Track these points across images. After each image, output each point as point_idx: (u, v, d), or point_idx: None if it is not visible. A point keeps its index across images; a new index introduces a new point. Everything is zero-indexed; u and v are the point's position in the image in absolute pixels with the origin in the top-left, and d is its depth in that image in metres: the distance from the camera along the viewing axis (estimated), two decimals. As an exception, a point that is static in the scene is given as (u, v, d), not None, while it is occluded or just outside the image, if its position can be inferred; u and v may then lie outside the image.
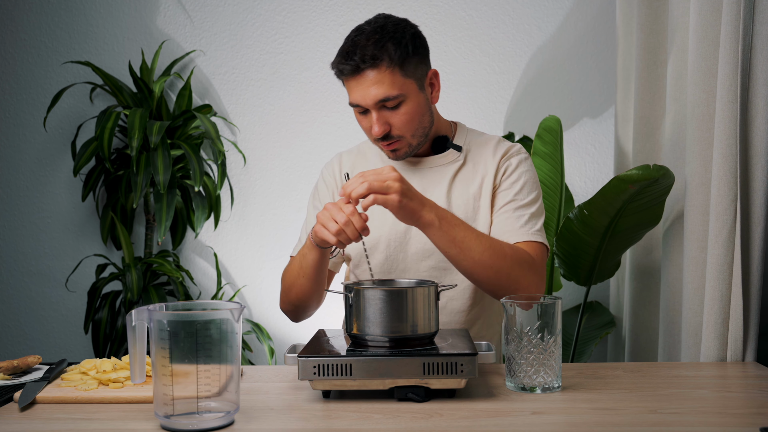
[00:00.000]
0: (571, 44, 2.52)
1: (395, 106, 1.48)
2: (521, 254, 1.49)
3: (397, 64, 1.46)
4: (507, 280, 1.45)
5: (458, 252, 1.42)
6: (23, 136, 2.66)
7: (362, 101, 1.48)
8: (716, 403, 1.20)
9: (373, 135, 1.50)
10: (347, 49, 1.47)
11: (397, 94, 1.47)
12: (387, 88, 1.46)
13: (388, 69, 1.46)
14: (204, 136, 2.52)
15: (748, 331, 1.58)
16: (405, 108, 1.49)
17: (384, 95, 1.46)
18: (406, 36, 1.48)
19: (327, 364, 1.19)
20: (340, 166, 1.68)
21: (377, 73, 1.45)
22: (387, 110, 1.49)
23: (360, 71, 1.46)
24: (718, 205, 1.57)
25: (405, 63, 1.47)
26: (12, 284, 2.68)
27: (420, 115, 1.52)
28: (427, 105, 1.54)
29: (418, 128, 1.53)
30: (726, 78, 1.56)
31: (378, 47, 1.45)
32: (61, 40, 2.63)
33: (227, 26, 2.61)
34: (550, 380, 1.25)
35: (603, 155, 2.52)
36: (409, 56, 1.48)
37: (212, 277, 2.64)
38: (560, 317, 1.26)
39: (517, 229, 1.52)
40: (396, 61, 1.46)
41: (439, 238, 1.41)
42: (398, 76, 1.47)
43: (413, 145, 1.55)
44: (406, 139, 1.52)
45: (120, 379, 1.30)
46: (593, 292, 2.45)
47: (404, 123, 1.50)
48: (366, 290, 1.25)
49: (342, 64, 1.47)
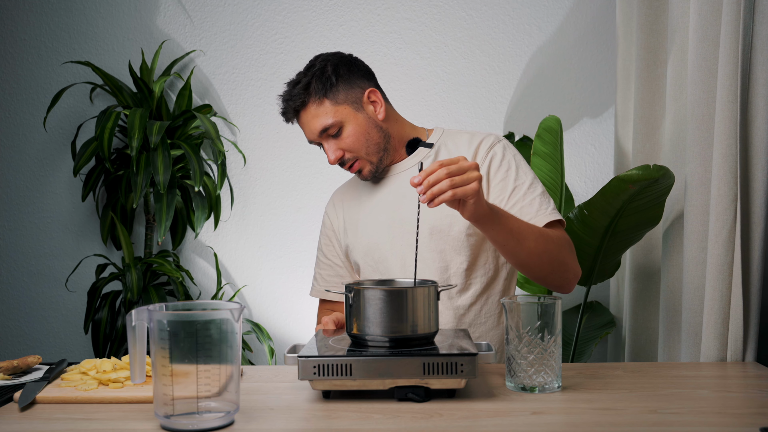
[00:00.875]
0: (571, 44, 2.52)
1: (336, 133, 1.61)
2: (561, 236, 1.52)
3: (323, 96, 1.60)
4: (557, 264, 1.49)
5: (516, 243, 1.42)
6: (23, 136, 2.66)
7: (310, 137, 1.63)
8: (716, 403, 1.20)
9: (329, 162, 1.62)
10: (283, 104, 1.64)
11: (332, 122, 1.59)
12: (322, 120, 1.59)
13: (315, 103, 1.60)
14: (204, 136, 2.52)
15: (748, 331, 1.58)
16: (347, 131, 1.60)
17: (321, 126, 1.59)
18: (327, 69, 1.62)
19: (327, 364, 1.19)
20: (333, 208, 1.77)
21: (308, 112, 1.61)
22: (332, 138, 1.61)
23: (297, 115, 1.62)
24: (718, 205, 1.57)
25: (329, 93, 1.60)
26: (12, 284, 2.68)
27: (365, 134, 1.62)
28: (371, 122, 1.63)
29: (369, 146, 1.63)
30: (726, 78, 1.56)
31: (302, 89, 1.60)
32: (61, 40, 2.63)
33: (227, 26, 2.61)
34: (550, 380, 1.25)
35: (603, 155, 2.52)
36: (333, 85, 1.60)
37: (212, 277, 2.64)
38: (560, 317, 1.26)
39: (536, 214, 1.53)
40: (321, 94, 1.60)
41: (499, 231, 1.39)
42: (328, 105, 1.60)
43: (374, 162, 1.64)
44: (363, 158, 1.63)
45: (120, 379, 1.30)
46: (593, 292, 2.45)
47: (351, 144, 1.61)
48: (366, 290, 1.25)
49: (284, 115, 1.65)
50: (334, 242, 1.76)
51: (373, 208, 1.68)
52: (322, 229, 1.80)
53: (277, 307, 2.63)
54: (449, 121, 2.54)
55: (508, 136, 2.47)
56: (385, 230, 1.64)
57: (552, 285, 1.53)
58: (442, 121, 2.53)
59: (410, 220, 1.60)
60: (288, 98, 1.63)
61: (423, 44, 2.55)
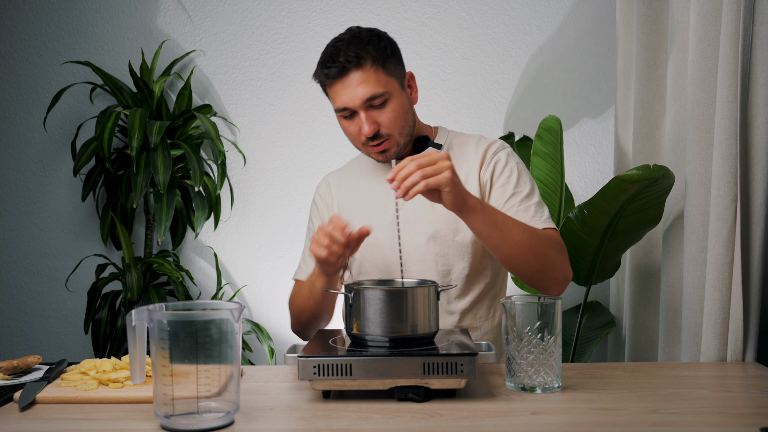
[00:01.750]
0: (571, 44, 2.52)
1: (381, 104, 1.52)
2: (550, 235, 1.52)
3: (380, 63, 1.51)
4: (545, 261, 1.48)
5: (500, 235, 1.43)
6: (23, 136, 2.66)
7: (350, 102, 1.51)
8: (716, 403, 1.20)
9: (363, 134, 1.53)
10: (330, 54, 1.52)
11: (383, 92, 1.51)
12: (373, 86, 1.50)
13: (372, 68, 1.50)
14: (204, 136, 2.52)
15: (748, 331, 1.58)
16: (391, 106, 1.53)
17: (371, 93, 1.50)
18: (382, 39, 1.55)
19: (327, 364, 1.19)
20: (328, 188, 1.73)
21: (362, 73, 1.50)
22: (374, 109, 1.52)
23: (346, 72, 1.50)
24: (718, 205, 1.57)
25: (386, 62, 1.53)
26: (12, 284, 2.68)
27: (404, 113, 1.56)
28: (410, 104, 1.59)
29: (404, 126, 1.56)
30: (726, 78, 1.56)
31: (360, 48, 1.50)
32: (61, 40, 2.63)
33: (227, 26, 2.61)
34: (550, 380, 1.25)
35: (603, 155, 2.52)
36: (388, 56, 1.54)
37: (212, 277, 2.64)
38: (560, 317, 1.26)
39: (530, 220, 1.54)
40: (378, 60, 1.51)
41: (483, 222, 1.41)
42: (382, 74, 1.51)
43: (400, 144, 1.57)
44: (394, 137, 1.55)
45: (120, 379, 1.30)
46: (593, 292, 2.45)
47: (391, 121, 1.53)
48: (366, 290, 1.25)
49: (327, 68, 1.52)
50: None
51: (374, 201, 1.65)
52: (314, 209, 1.75)
53: (277, 307, 2.62)
54: (449, 121, 2.54)
55: (508, 136, 2.47)
56: (386, 226, 1.62)
57: (539, 285, 1.51)
58: (442, 121, 2.53)
59: (410, 218, 1.60)
60: (336, 54, 1.50)
61: (423, 44, 2.55)
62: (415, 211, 1.61)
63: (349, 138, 1.59)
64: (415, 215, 1.61)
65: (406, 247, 1.61)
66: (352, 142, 1.60)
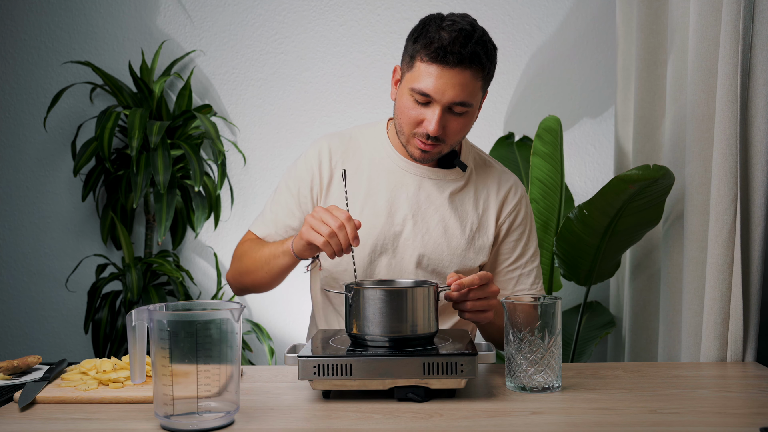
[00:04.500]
0: (571, 44, 2.52)
1: (461, 113, 1.43)
2: None
3: (483, 77, 1.43)
4: None
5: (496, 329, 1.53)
6: (23, 136, 2.66)
7: (437, 94, 1.40)
8: (716, 403, 1.20)
9: (426, 129, 1.42)
10: (453, 39, 1.37)
11: (471, 103, 1.43)
12: (468, 95, 1.41)
13: (477, 76, 1.41)
14: (204, 136, 2.52)
15: (748, 331, 1.58)
16: (466, 118, 1.45)
17: (462, 99, 1.41)
18: (496, 53, 1.46)
19: (327, 364, 1.19)
20: (329, 157, 1.57)
21: (469, 76, 1.39)
22: (450, 113, 1.43)
23: (459, 65, 1.37)
24: (718, 205, 1.57)
25: (487, 77, 1.45)
26: (12, 284, 2.68)
27: (468, 129, 1.50)
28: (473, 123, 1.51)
29: (459, 140, 1.51)
30: (726, 78, 1.56)
31: (482, 50, 1.40)
32: (61, 40, 2.63)
33: (227, 26, 2.61)
34: (550, 380, 1.25)
35: (603, 155, 2.52)
36: (491, 72, 1.46)
37: (212, 277, 2.64)
38: (560, 317, 1.26)
39: (530, 287, 1.62)
40: (485, 73, 1.43)
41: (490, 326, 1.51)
42: (478, 87, 1.43)
43: (443, 152, 1.50)
44: (445, 145, 1.48)
45: (120, 379, 1.30)
46: (593, 292, 2.45)
47: (457, 132, 1.46)
48: (366, 290, 1.25)
49: (446, 51, 1.37)
50: (315, 194, 1.57)
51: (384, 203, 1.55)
52: (301, 172, 1.58)
53: (277, 307, 2.62)
54: (449, 121, 2.54)
55: (508, 136, 2.47)
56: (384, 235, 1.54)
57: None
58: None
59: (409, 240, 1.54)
60: (461, 42, 1.37)
61: (423, 44, 2.55)
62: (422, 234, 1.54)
63: (402, 119, 1.46)
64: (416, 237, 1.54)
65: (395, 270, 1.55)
66: (402, 122, 1.47)
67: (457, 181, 1.57)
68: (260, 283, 1.57)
